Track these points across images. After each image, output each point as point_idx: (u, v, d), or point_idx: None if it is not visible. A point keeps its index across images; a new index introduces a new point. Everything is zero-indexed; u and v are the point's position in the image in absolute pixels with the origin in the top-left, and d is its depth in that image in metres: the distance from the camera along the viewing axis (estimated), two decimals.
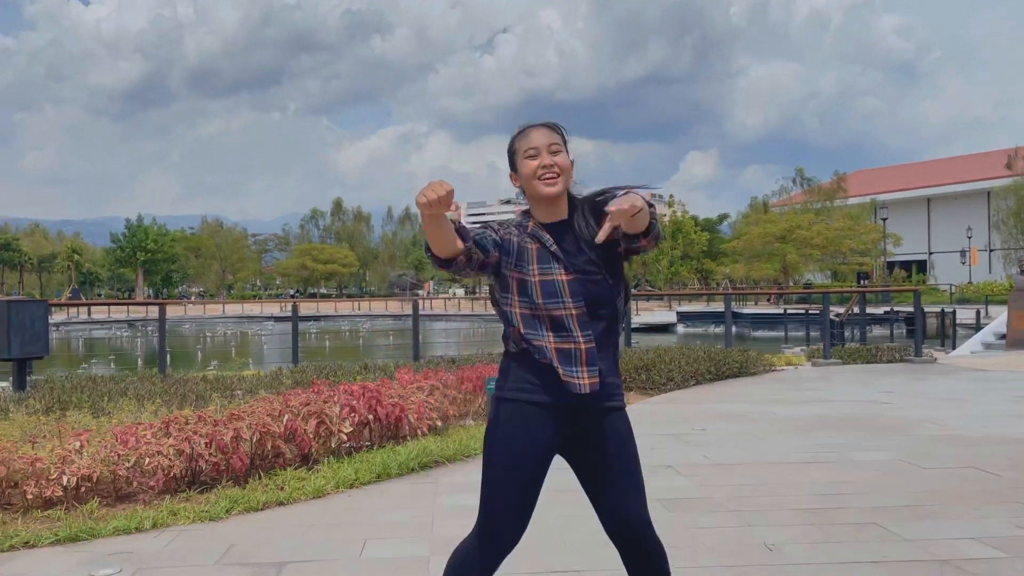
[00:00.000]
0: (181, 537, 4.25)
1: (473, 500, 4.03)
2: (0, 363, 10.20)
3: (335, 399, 6.25)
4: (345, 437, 5.96)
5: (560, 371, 2.27)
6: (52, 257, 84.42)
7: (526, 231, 2.38)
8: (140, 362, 24.51)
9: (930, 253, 66.28)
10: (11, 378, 9.71)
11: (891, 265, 58.78)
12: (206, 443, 5.30)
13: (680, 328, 41.72)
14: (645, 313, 45.36)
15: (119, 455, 5.05)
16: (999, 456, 5.85)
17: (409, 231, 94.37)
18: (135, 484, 5.01)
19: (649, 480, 5.28)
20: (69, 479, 4.77)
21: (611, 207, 2.14)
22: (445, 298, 72.82)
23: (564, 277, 2.28)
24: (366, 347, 29.27)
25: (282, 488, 5.11)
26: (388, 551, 3.99)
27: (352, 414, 6.11)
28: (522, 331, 2.30)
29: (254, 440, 5.48)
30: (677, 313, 43.61)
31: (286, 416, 5.78)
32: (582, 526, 4.33)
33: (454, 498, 4.95)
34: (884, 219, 47.25)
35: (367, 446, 6.22)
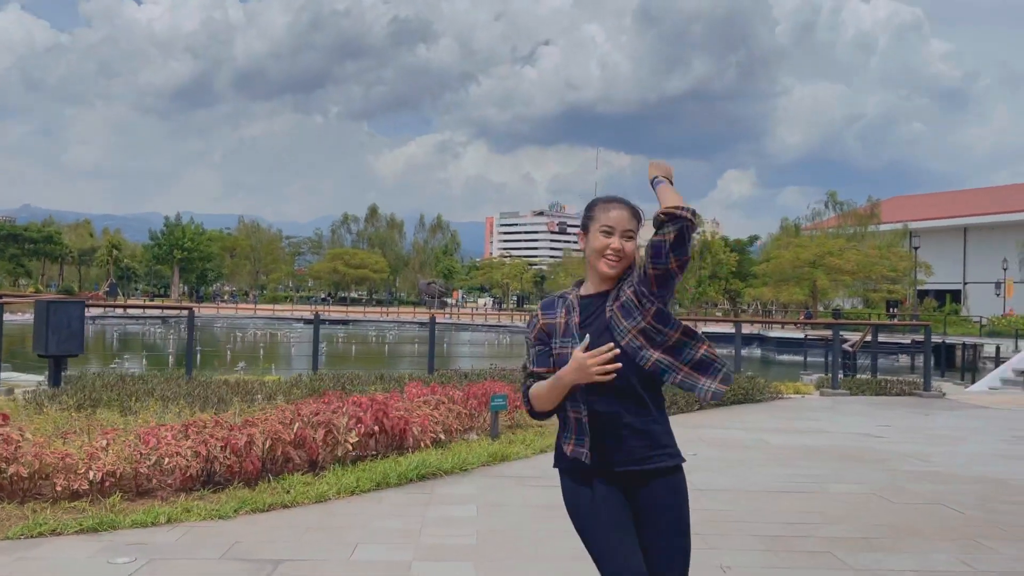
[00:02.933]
0: (192, 532, 4.69)
1: (462, 512, 4.42)
2: (37, 358, 10.83)
3: (344, 410, 6.67)
4: (351, 447, 6.39)
5: (571, 440, 2.47)
6: (92, 251, 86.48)
7: (566, 302, 2.56)
8: (171, 359, 25.25)
9: (965, 283, 65.46)
10: (47, 373, 10.30)
11: (923, 294, 58.21)
12: (221, 447, 5.74)
13: None
14: None
15: (141, 454, 5.50)
16: (969, 494, 6.11)
17: (440, 239, 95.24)
18: (155, 481, 5.46)
19: None
20: (95, 474, 5.23)
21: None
22: (473, 308, 73.20)
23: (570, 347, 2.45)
24: (390, 355, 29.81)
25: (288, 492, 5.54)
26: (376, 555, 4.39)
27: (359, 425, 6.53)
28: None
29: (266, 446, 5.92)
30: (701, 334, 43.69)
31: (297, 424, 6.21)
32: (556, 540, 4.69)
33: (444, 509, 5.34)
34: (916, 247, 46.89)
35: (373, 455, 6.63)
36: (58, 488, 5.15)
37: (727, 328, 44.91)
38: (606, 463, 2.45)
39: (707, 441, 8.22)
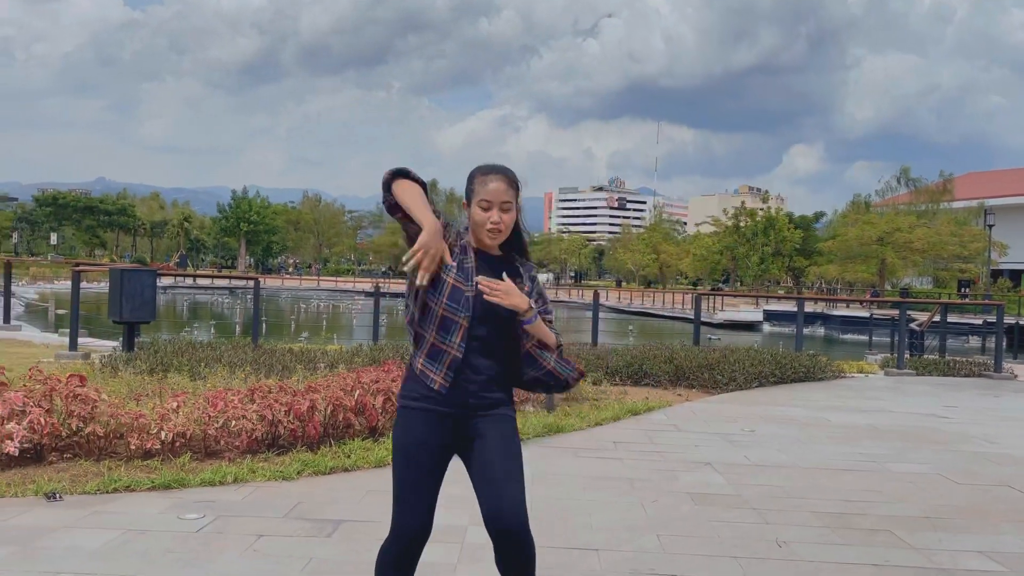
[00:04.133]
0: (257, 492, 4.86)
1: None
2: (112, 324, 11.26)
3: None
4: None
5: (421, 364, 2.58)
6: (164, 223, 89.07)
7: (462, 240, 2.65)
8: (238, 329, 25.96)
9: None
10: (121, 339, 10.71)
11: (997, 273, 56.20)
12: (285, 411, 5.91)
13: (766, 327, 41.10)
14: (730, 310, 44.86)
15: (210, 416, 5.70)
16: None
17: None
18: (222, 443, 5.66)
19: (685, 475, 5.66)
20: (166, 434, 5.45)
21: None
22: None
23: (471, 293, 2.56)
24: None
25: (348, 456, 5.68)
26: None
27: None
28: (417, 323, 2.61)
29: (327, 411, 6.08)
30: (764, 311, 42.97)
31: (357, 391, 6.36)
32: (608, 510, 4.74)
33: None
34: (991, 225, 45.20)
35: None
36: (132, 447, 5.38)
37: (789, 306, 44.14)
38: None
39: (766, 418, 8.13)
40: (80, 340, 11.39)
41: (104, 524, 4.15)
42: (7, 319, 15.03)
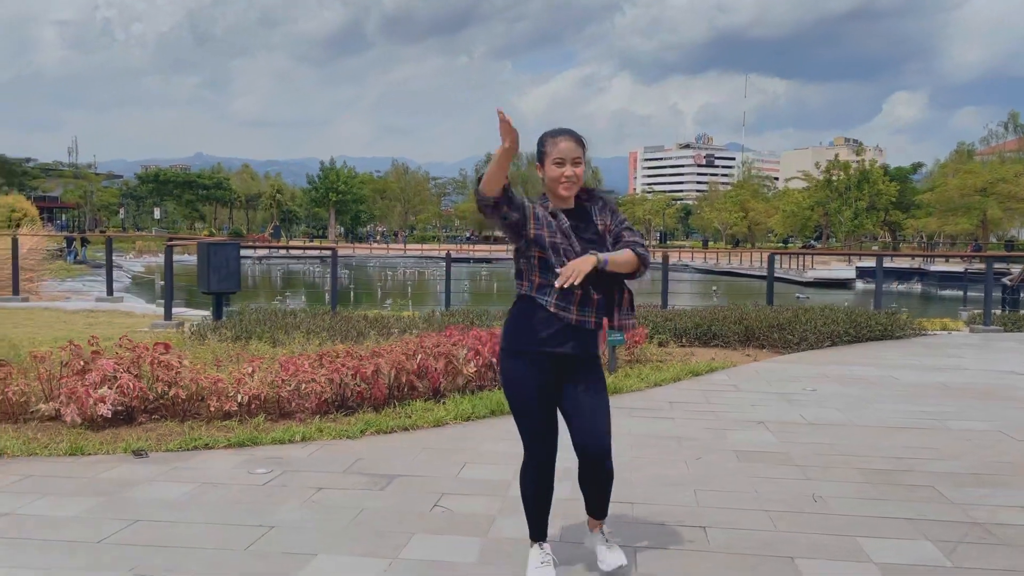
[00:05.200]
0: (322, 449, 5.23)
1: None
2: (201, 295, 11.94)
3: (464, 343, 7.08)
4: (469, 376, 6.80)
5: (556, 308, 3.03)
6: (257, 196, 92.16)
7: (548, 209, 3.11)
8: (326, 297, 26.89)
9: None
10: (211, 309, 11.37)
11: None
12: (352, 374, 6.27)
13: (859, 284, 39.87)
14: (821, 267, 43.64)
15: (282, 380, 6.11)
16: None
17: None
18: (294, 404, 6.06)
19: (735, 433, 5.76)
20: (242, 397, 5.88)
21: (561, 276, 2.95)
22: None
23: (577, 247, 3.06)
24: None
25: (409, 416, 6.00)
26: (481, 473, 4.75)
27: (477, 357, 6.92)
28: (538, 280, 3.05)
29: (392, 375, 6.41)
30: (856, 268, 41.63)
31: (419, 355, 6.67)
32: (650, 467, 4.90)
33: None
34: None
35: (491, 386, 7.01)
36: (211, 408, 5.83)
37: (886, 263, 42.53)
38: None
39: (831, 377, 8.08)
40: (176, 310, 12.14)
41: (182, 478, 4.58)
42: (110, 291, 16.06)
